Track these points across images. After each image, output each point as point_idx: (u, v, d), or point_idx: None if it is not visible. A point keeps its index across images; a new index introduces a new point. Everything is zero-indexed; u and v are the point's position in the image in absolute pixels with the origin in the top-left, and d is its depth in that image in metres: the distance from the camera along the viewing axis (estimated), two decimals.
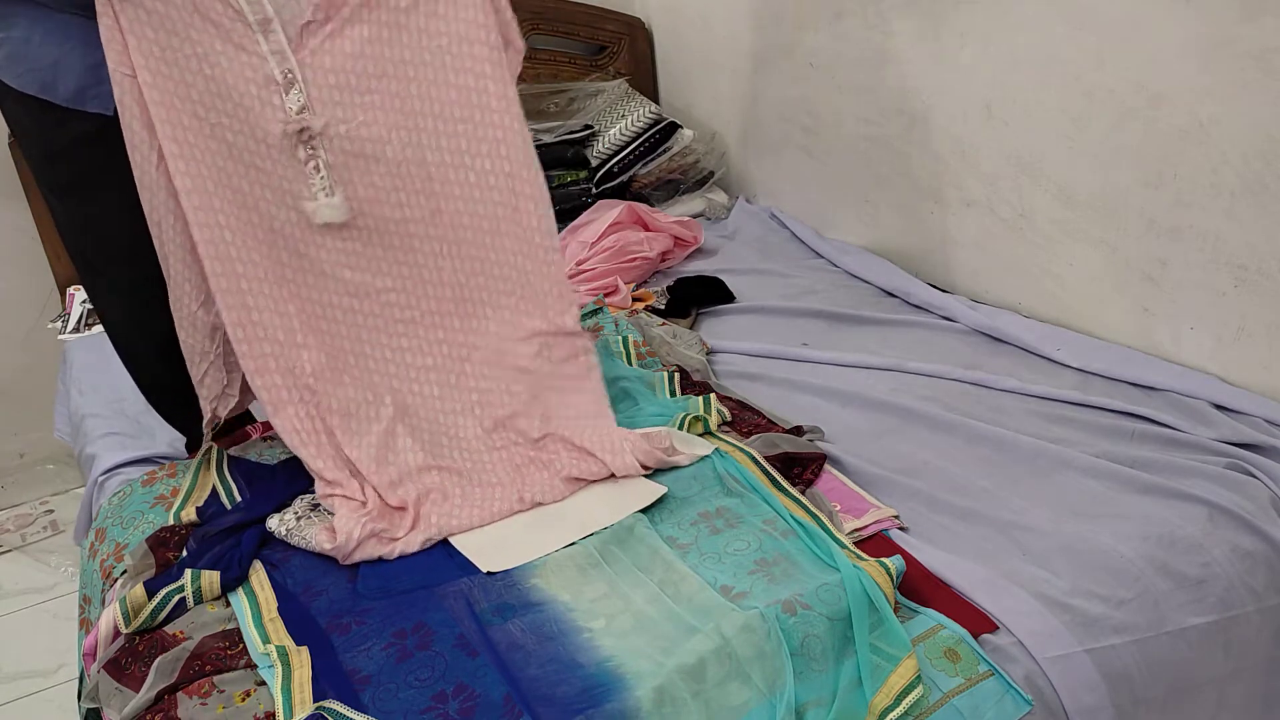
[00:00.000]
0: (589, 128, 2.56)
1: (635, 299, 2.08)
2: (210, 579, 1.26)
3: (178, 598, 1.24)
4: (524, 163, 1.49)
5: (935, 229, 2.01)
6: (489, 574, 1.27)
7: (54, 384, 2.23)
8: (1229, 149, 1.43)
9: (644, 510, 1.36)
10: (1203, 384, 1.53)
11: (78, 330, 2.23)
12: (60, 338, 2.24)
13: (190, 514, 1.42)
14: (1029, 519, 1.31)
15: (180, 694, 1.11)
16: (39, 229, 2.38)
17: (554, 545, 1.31)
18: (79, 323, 2.24)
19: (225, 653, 1.16)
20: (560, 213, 1.55)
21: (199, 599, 1.25)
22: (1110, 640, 1.14)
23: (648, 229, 2.27)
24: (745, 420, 1.56)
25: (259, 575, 1.30)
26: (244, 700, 1.11)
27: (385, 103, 1.43)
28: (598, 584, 1.24)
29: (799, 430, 1.51)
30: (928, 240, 2.04)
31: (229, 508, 1.43)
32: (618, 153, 2.51)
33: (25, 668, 2.00)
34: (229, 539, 1.34)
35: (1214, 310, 1.53)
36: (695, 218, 2.51)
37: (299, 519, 1.38)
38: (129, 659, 1.19)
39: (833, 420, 1.56)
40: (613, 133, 2.53)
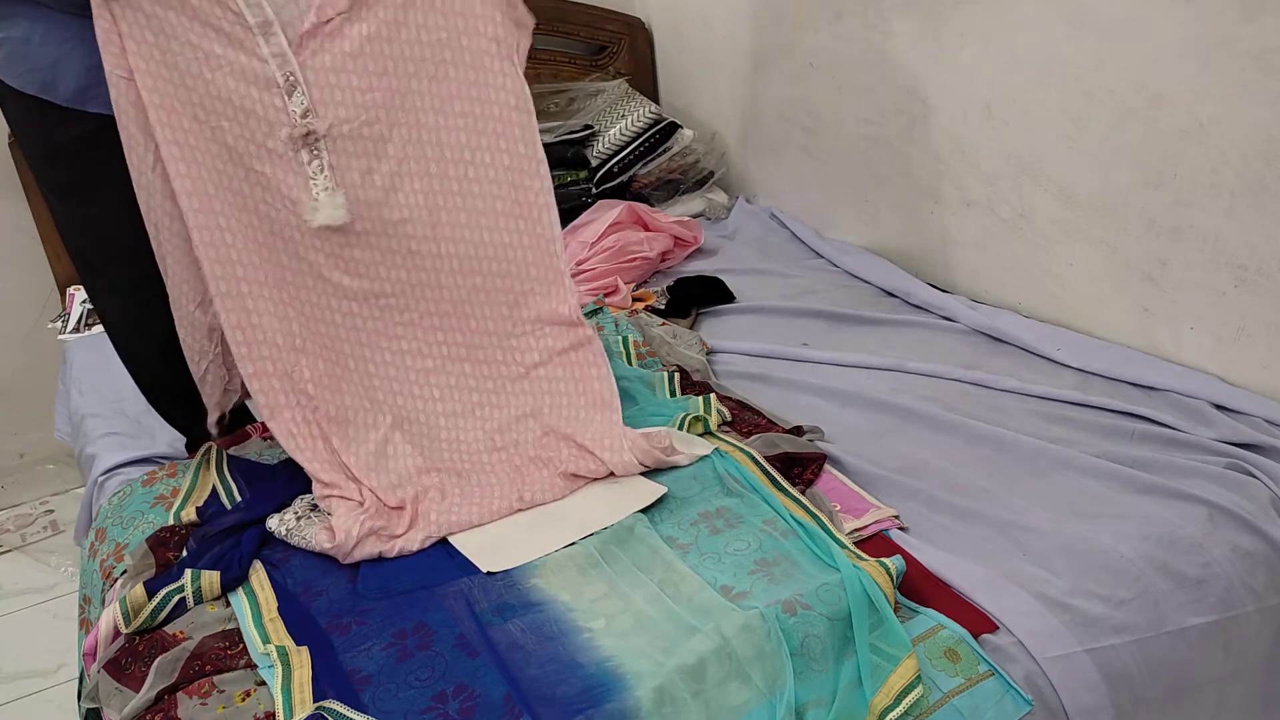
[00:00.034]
0: (589, 128, 2.56)
1: (635, 299, 2.08)
2: (210, 579, 1.26)
3: (178, 598, 1.24)
4: (526, 155, 1.48)
5: (935, 229, 2.01)
6: (489, 574, 1.27)
7: (54, 384, 2.23)
8: (1229, 149, 1.43)
9: (644, 510, 1.35)
10: (1203, 384, 1.53)
11: (78, 330, 2.23)
12: (60, 338, 2.24)
13: (190, 514, 1.42)
14: (1029, 519, 1.31)
15: (180, 694, 1.11)
16: (39, 229, 2.38)
17: (554, 545, 1.31)
18: (79, 323, 2.24)
19: (225, 653, 1.16)
20: (560, 213, 1.54)
21: (199, 599, 1.25)
22: (1110, 640, 1.14)
23: (648, 229, 2.27)
24: (745, 420, 1.56)
25: (259, 575, 1.30)
26: (244, 700, 1.11)
27: (387, 100, 1.42)
28: (598, 584, 1.24)
29: (799, 430, 1.51)
30: (928, 240, 2.04)
31: (229, 508, 1.43)
32: (618, 153, 2.50)
33: (25, 668, 1.99)
34: (229, 539, 1.34)
35: (1214, 310, 1.53)
36: (695, 218, 2.51)
37: (299, 519, 1.38)
38: (129, 659, 1.19)
39: (833, 420, 1.56)
40: (613, 133, 2.53)
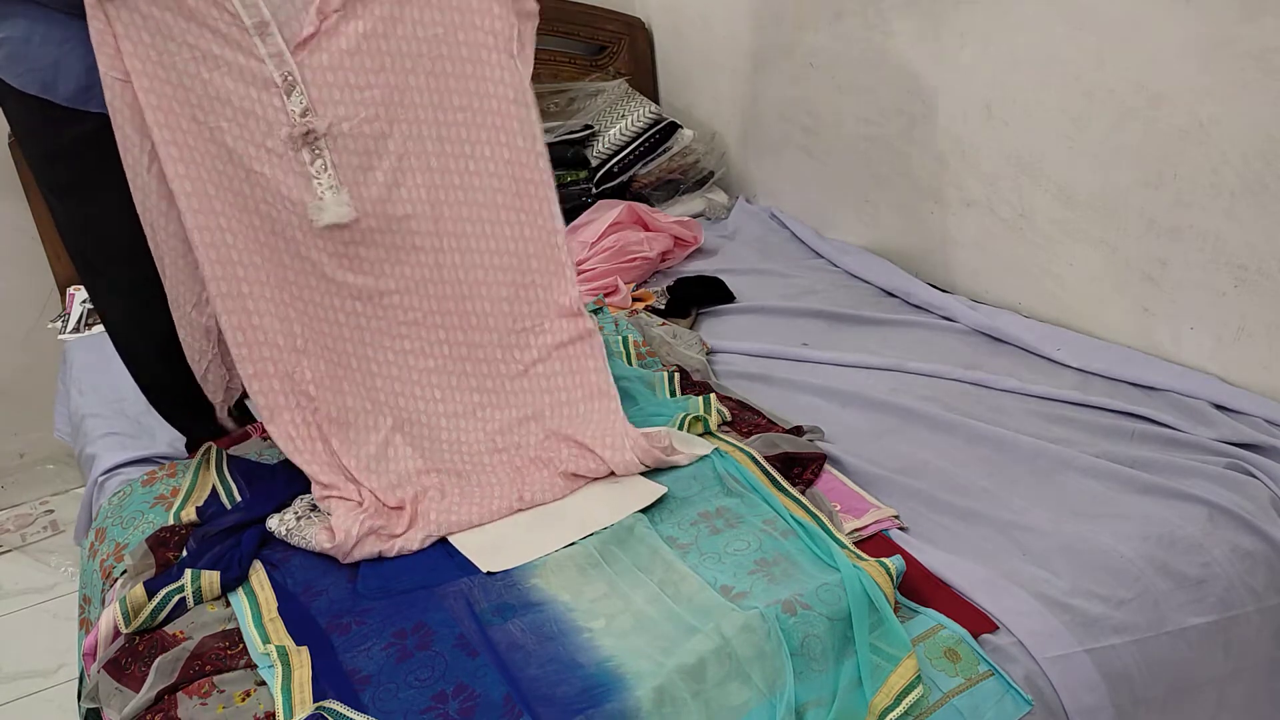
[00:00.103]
0: (589, 128, 2.56)
1: (635, 299, 2.08)
2: (210, 579, 1.26)
3: (178, 598, 1.24)
4: (525, 148, 1.48)
5: (935, 229, 2.01)
6: (489, 574, 1.27)
7: (54, 384, 2.23)
8: (1229, 149, 1.43)
9: (644, 510, 1.35)
10: (1203, 384, 1.53)
11: (78, 330, 2.23)
12: (60, 338, 2.23)
13: (190, 514, 1.42)
14: (1029, 519, 1.31)
15: (180, 694, 1.11)
16: (39, 229, 2.38)
17: (554, 545, 1.31)
18: (79, 323, 2.24)
19: (225, 653, 1.16)
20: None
21: (199, 599, 1.25)
22: (1110, 640, 1.14)
23: (648, 229, 2.27)
24: (745, 420, 1.56)
25: (259, 575, 1.30)
26: (244, 700, 1.11)
27: (385, 97, 1.42)
28: (598, 584, 1.24)
29: (799, 430, 1.51)
30: (928, 240, 2.04)
31: (229, 508, 1.43)
32: (618, 153, 2.50)
33: (25, 668, 1.99)
34: (229, 539, 1.34)
35: (1214, 310, 1.53)
36: (695, 218, 2.51)
37: (299, 519, 1.38)
38: (129, 659, 1.19)
39: (833, 420, 1.56)
40: (613, 133, 2.53)
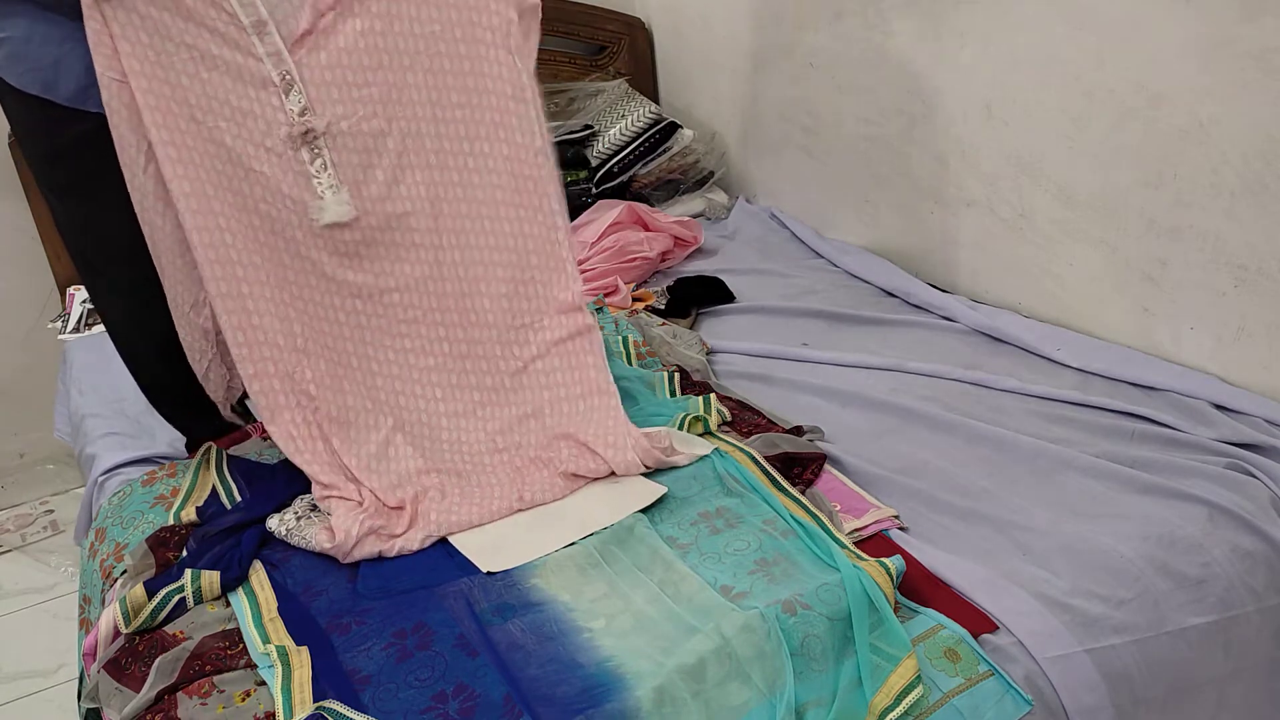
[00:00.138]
0: (589, 128, 2.56)
1: (635, 299, 2.08)
2: (210, 579, 1.26)
3: (178, 598, 1.24)
4: (524, 144, 1.47)
5: (935, 229, 2.01)
6: (489, 574, 1.27)
7: (54, 384, 2.23)
8: (1229, 149, 1.43)
9: (644, 510, 1.35)
10: (1203, 384, 1.53)
11: (78, 330, 2.23)
12: (60, 338, 2.23)
13: (190, 514, 1.42)
14: (1029, 519, 1.31)
15: (180, 694, 1.11)
16: (39, 229, 2.38)
17: (554, 545, 1.31)
18: (79, 323, 2.24)
19: (225, 653, 1.16)
20: None
21: (199, 599, 1.25)
22: (1110, 640, 1.14)
23: (648, 229, 2.27)
24: (745, 420, 1.56)
25: (259, 575, 1.30)
26: (244, 700, 1.11)
27: (384, 95, 1.42)
28: (598, 584, 1.24)
29: (799, 430, 1.51)
30: (928, 240, 2.04)
31: (229, 508, 1.43)
32: (618, 153, 2.50)
33: (25, 668, 1.99)
34: (229, 539, 1.34)
35: (1214, 310, 1.53)
36: (695, 218, 2.51)
37: (299, 519, 1.38)
38: (129, 659, 1.19)
39: (833, 420, 1.56)
40: (613, 133, 2.53)
